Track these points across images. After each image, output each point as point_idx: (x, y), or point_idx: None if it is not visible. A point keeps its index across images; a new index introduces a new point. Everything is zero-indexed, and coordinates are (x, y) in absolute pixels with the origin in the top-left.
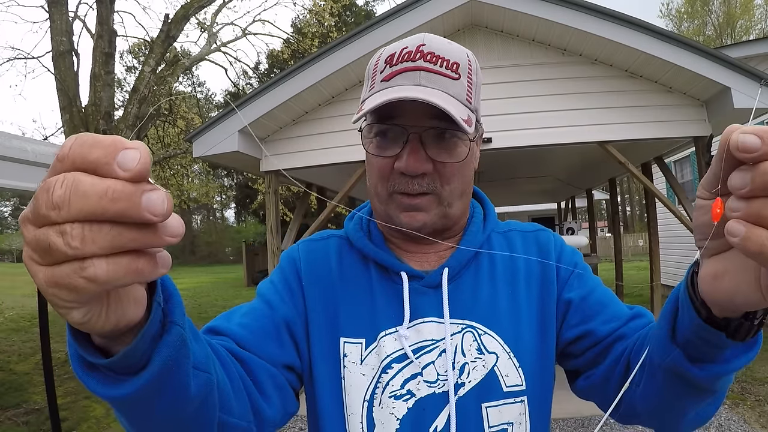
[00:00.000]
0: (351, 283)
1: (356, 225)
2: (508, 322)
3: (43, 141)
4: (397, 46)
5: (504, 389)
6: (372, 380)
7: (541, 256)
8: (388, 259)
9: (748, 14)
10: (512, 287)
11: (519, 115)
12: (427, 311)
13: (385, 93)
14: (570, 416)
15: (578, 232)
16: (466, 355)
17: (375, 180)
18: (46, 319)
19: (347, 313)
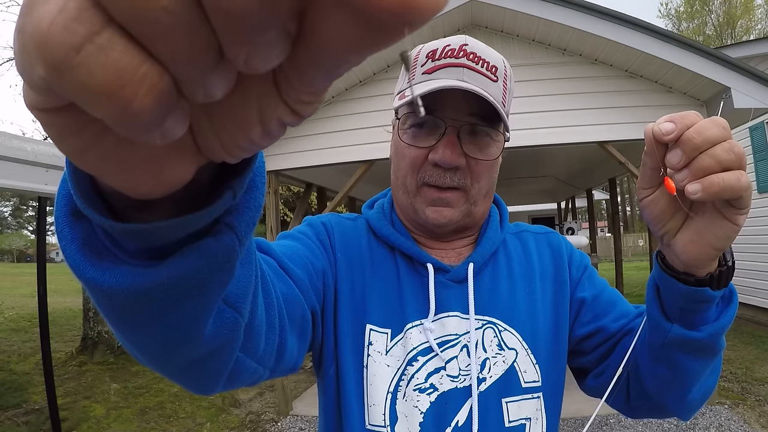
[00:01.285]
0: (380, 269)
1: (379, 213)
2: (525, 319)
3: (43, 141)
4: (439, 43)
5: (523, 385)
6: (397, 372)
7: (554, 257)
8: (415, 250)
9: (749, 14)
10: (529, 285)
11: (519, 115)
12: (451, 305)
13: (432, 83)
14: (570, 416)
15: (578, 232)
16: (487, 351)
17: (405, 171)
18: (46, 319)
19: (376, 300)
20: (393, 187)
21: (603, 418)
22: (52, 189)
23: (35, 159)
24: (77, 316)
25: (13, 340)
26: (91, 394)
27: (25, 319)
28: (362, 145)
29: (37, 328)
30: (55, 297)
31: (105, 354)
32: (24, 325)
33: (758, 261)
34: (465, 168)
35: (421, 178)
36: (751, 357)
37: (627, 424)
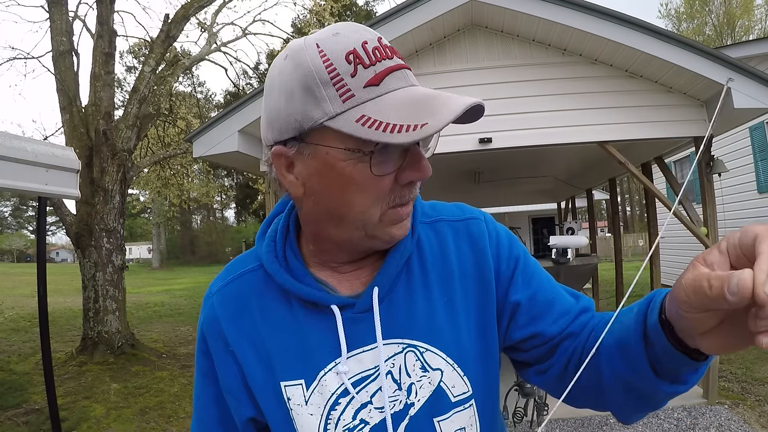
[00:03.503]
0: (276, 323)
1: (270, 253)
2: (448, 334)
3: (43, 141)
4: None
5: (452, 400)
6: (321, 419)
7: (475, 251)
8: (315, 295)
9: (749, 14)
10: (447, 292)
11: (519, 115)
12: (365, 339)
13: (419, 99)
14: (570, 416)
15: (578, 232)
16: (411, 376)
17: (368, 204)
18: (46, 319)
19: (280, 355)
20: (318, 223)
21: (603, 418)
22: (52, 189)
23: (35, 159)
24: (77, 316)
25: (13, 340)
26: (91, 394)
27: (25, 319)
28: None
29: (37, 328)
30: (55, 297)
31: (105, 354)
32: (24, 325)
33: None
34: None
35: (387, 204)
36: (751, 357)
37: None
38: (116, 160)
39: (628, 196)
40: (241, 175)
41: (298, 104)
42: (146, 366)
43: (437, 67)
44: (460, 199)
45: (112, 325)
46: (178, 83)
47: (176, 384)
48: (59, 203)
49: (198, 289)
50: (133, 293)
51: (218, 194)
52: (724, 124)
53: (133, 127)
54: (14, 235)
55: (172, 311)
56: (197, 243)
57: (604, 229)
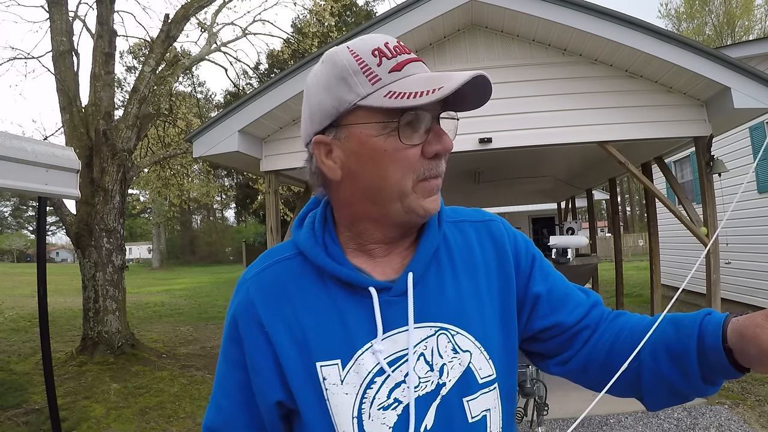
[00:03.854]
0: (314, 305)
1: (309, 238)
2: (476, 318)
3: (43, 141)
4: (374, 41)
5: (479, 381)
6: (356, 397)
7: (496, 248)
8: (354, 276)
9: (749, 14)
10: (474, 282)
11: (519, 115)
12: (399, 321)
13: (434, 77)
14: (570, 416)
15: (578, 232)
16: (443, 357)
17: (401, 174)
18: (46, 319)
19: (317, 336)
20: (356, 204)
21: (603, 418)
22: (52, 189)
23: (35, 159)
24: (77, 316)
25: (13, 340)
26: (91, 394)
27: (25, 319)
28: None
29: (37, 328)
30: (55, 297)
31: (105, 354)
32: (24, 325)
33: (758, 261)
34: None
35: (417, 176)
36: None
37: (627, 425)
38: (116, 160)
39: (628, 196)
40: (241, 175)
41: (334, 93)
42: (146, 366)
43: (437, 67)
44: (460, 199)
45: (112, 325)
46: (178, 83)
47: (176, 384)
48: (59, 203)
49: (198, 289)
50: (133, 293)
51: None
52: (724, 124)
53: (133, 127)
54: (14, 235)
55: (172, 311)
56: (197, 243)
57: (604, 229)
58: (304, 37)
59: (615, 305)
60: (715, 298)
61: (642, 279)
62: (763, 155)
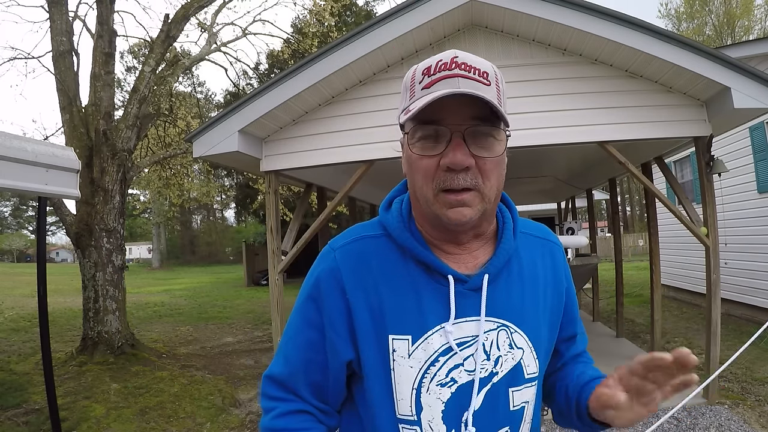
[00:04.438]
0: (394, 282)
1: (398, 221)
2: (532, 322)
3: (43, 141)
4: (432, 60)
5: (525, 376)
6: (420, 371)
7: (555, 270)
8: (436, 262)
9: (749, 14)
10: (534, 291)
11: (519, 115)
12: (468, 311)
13: (430, 96)
14: None
15: (578, 232)
16: (500, 349)
17: (420, 181)
18: (46, 319)
19: (393, 311)
20: (412, 200)
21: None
22: (52, 189)
23: (35, 159)
24: (77, 316)
25: (13, 340)
26: (91, 394)
27: (25, 319)
28: (362, 145)
29: (37, 328)
30: (55, 297)
31: (105, 354)
32: (24, 325)
33: (758, 261)
34: (475, 168)
35: (437, 185)
36: (751, 357)
37: None
38: (116, 160)
39: (628, 196)
40: (241, 175)
41: (400, 106)
42: (146, 366)
43: None
44: None
45: (112, 325)
46: (178, 83)
47: (176, 384)
48: (59, 203)
49: (198, 289)
50: (133, 293)
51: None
52: (724, 124)
53: (133, 127)
54: (14, 235)
55: (172, 311)
56: (197, 243)
57: (604, 229)
58: (304, 37)
59: (615, 305)
60: (715, 298)
61: (642, 279)
62: (761, 156)
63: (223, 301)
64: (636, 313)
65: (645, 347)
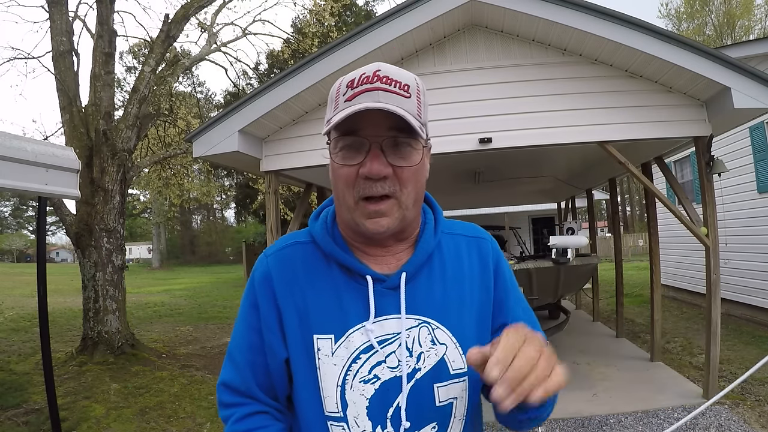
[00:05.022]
0: (318, 284)
1: (322, 228)
2: (455, 317)
3: (43, 141)
4: (356, 73)
5: (451, 372)
6: (343, 369)
7: (481, 263)
8: (355, 264)
9: (749, 14)
10: (459, 287)
11: (519, 115)
12: (388, 309)
13: (351, 108)
14: (570, 416)
15: (578, 232)
16: (422, 346)
17: (342, 189)
18: (46, 319)
19: (317, 312)
20: (336, 207)
21: (603, 418)
22: (52, 189)
23: (35, 159)
24: (77, 316)
25: (13, 340)
26: (91, 394)
27: (25, 319)
28: None
29: (37, 328)
30: (55, 297)
31: (105, 354)
32: (24, 325)
33: (758, 261)
34: (392, 177)
35: (357, 193)
36: (751, 357)
37: (627, 425)
38: (116, 160)
39: (628, 196)
40: (241, 175)
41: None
42: (146, 366)
43: (437, 67)
44: (460, 198)
45: (112, 325)
46: (178, 83)
47: (176, 384)
48: (59, 203)
49: (198, 289)
50: (133, 293)
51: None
52: (724, 124)
53: (133, 127)
54: (14, 235)
55: (172, 311)
56: (197, 243)
57: (604, 229)
58: (304, 37)
59: (615, 305)
60: (715, 298)
61: (642, 279)
62: (761, 156)
63: (223, 301)
64: (636, 313)
65: (645, 347)
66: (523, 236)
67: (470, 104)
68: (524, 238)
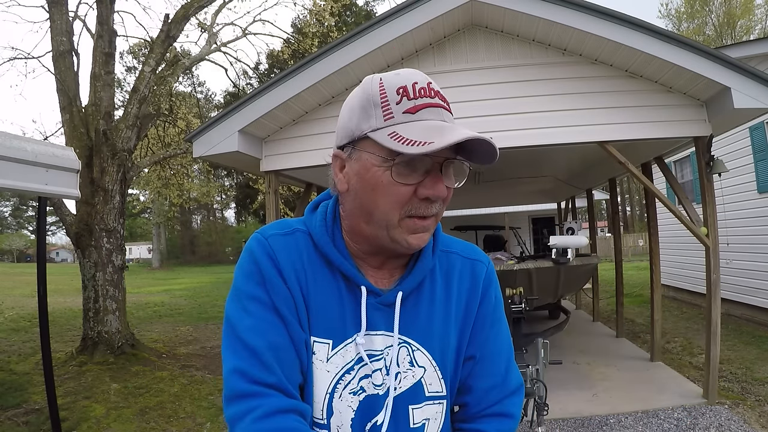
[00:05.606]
0: (321, 286)
1: (321, 227)
2: (437, 341)
3: (43, 141)
4: (403, 79)
5: (426, 394)
6: (335, 377)
7: (471, 287)
8: (353, 273)
9: (749, 14)
10: (446, 309)
11: (519, 115)
12: (379, 325)
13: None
14: (570, 416)
15: (578, 232)
16: (400, 366)
17: (387, 206)
18: (46, 319)
19: (318, 314)
20: (354, 217)
21: (603, 418)
22: (52, 189)
23: (35, 159)
24: (77, 316)
25: (13, 340)
26: (91, 394)
27: (25, 319)
28: None
29: (37, 328)
30: (55, 297)
31: (105, 354)
32: (24, 325)
33: (758, 261)
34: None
35: (406, 212)
36: (751, 357)
37: (627, 425)
38: (116, 160)
39: (628, 196)
40: (241, 175)
41: (355, 118)
42: (146, 366)
43: (437, 67)
44: (460, 198)
45: (112, 325)
46: (178, 83)
47: (176, 384)
48: (59, 203)
49: (198, 289)
50: (133, 293)
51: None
52: (724, 124)
53: (133, 127)
54: (14, 235)
55: (172, 311)
56: (197, 243)
57: (604, 229)
58: (304, 37)
59: (615, 305)
60: (715, 298)
61: (642, 279)
62: (761, 156)
63: (223, 301)
64: (636, 313)
65: (645, 347)
66: (523, 236)
67: (470, 104)
68: (524, 238)
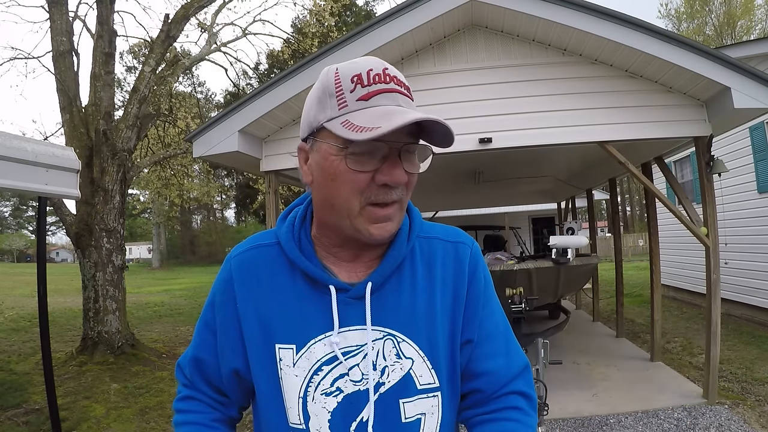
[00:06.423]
0: (280, 292)
1: (288, 233)
2: (424, 330)
3: (43, 141)
4: (357, 67)
5: (418, 387)
6: (304, 381)
7: (456, 269)
8: (318, 273)
9: (749, 14)
10: (430, 296)
11: (519, 115)
12: (352, 320)
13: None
14: (570, 416)
15: (578, 232)
16: (386, 359)
17: (346, 194)
18: (46, 319)
19: (279, 320)
20: (320, 210)
21: (603, 418)
22: (52, 189)
23: (35, 159)
24: (77, 316)
25: (13, 340)
26: (91, 394)
27: (25, 319)
28: None
29: (37, 328)
30: (55, 297)
31: (105, 354)
32: (24, 325)
33: (758, 261)
34: (404, 183)
35: (365, 199)
36: (751, 357)
37: (627, 425)
38: (116, 160)
39: (628, 196)
40: (241, 175)
41: (313, 110)
42: (146, 366)
43: (437, 67)
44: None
45: (112, 325)
46: (178, 83)
47: (176, 384)
48: (59, 203)
49: (198, 289)
50: (133, 293)
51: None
52: (724, 124)
53: (133, 127)
54: (14, 235)
55: (172, 311)
56: (197, 243)
57: (604, 229)
58: (304, 37)
59: (615, 305)
60: (715, 298)
61: (642, 279)
62: (761, 156)
63: None
64: (636, 313)
65: (645, 347)
66: (523, 236)
67: (470, 104)
68: (524, 238)
